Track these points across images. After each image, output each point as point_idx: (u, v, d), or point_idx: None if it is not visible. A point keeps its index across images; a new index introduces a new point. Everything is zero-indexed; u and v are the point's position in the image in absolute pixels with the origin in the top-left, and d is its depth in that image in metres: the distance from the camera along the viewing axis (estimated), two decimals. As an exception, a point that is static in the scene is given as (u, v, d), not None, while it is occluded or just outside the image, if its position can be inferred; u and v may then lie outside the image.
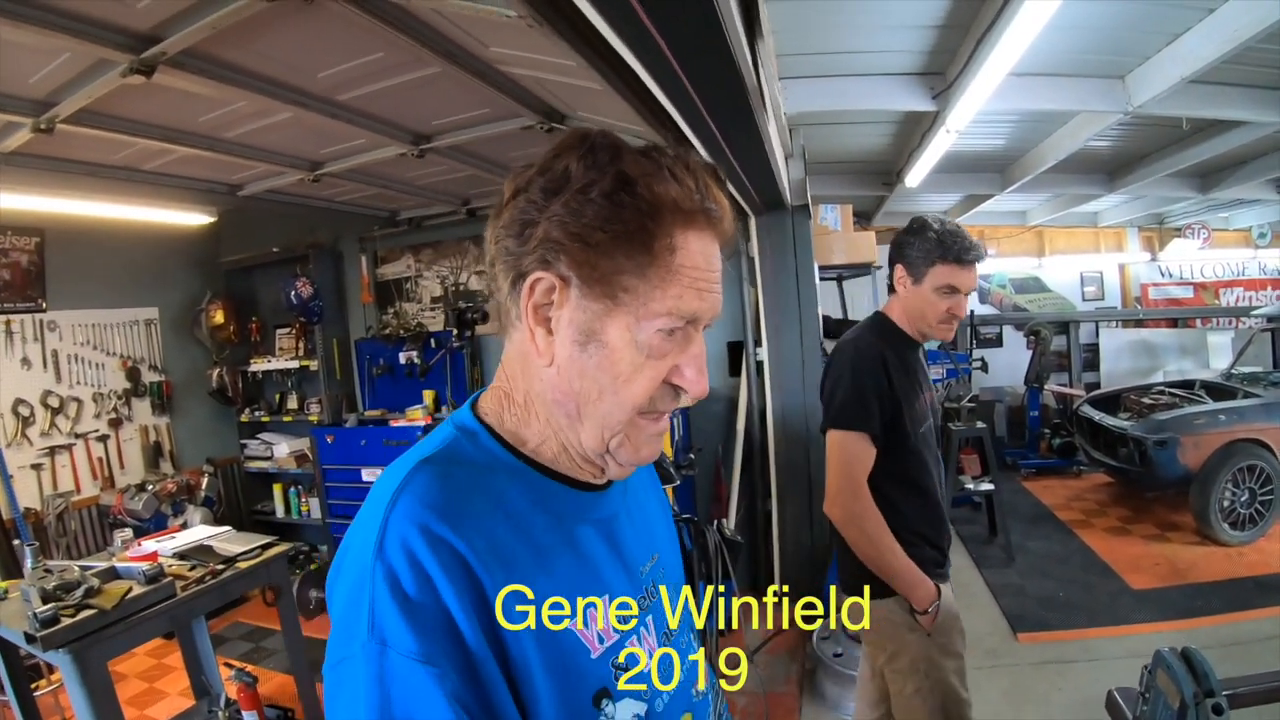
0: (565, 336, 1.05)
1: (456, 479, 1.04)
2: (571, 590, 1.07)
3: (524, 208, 1.04)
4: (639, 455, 1.12)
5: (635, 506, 1.31)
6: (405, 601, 0.92)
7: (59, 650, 3.04)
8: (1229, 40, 3.99)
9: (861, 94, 5.06)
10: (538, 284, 1.04)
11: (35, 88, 3.57)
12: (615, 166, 1.00)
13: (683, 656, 1.26)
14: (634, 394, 1.06)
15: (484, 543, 0.98)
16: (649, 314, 1.03)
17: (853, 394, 2.70)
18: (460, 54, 3.32)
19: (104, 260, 6.69)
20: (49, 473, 6.24)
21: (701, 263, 1.05)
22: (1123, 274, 12.19)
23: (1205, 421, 7.13)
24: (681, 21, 1.92)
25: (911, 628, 2.72)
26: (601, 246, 1.00)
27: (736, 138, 3.34)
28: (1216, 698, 1.86)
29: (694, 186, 1.03)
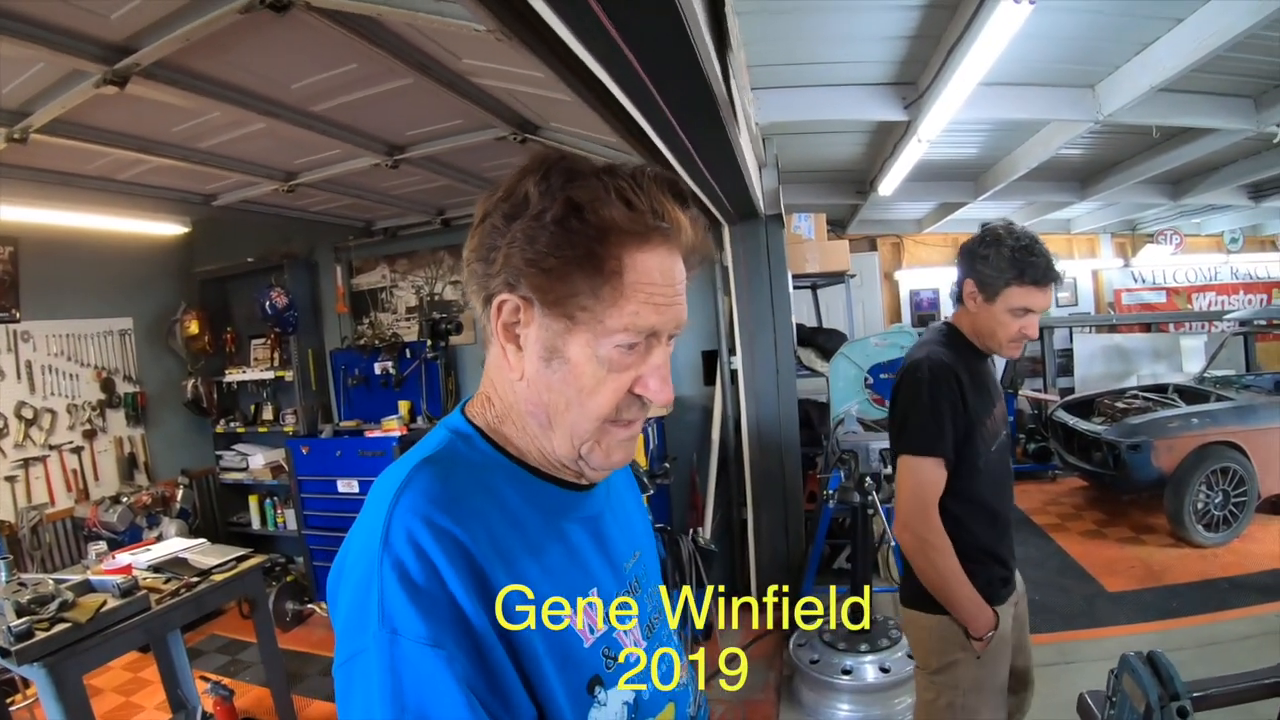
0: (532, 353, 1.12)
1: (457, 476, 1.10)
2: (564, 583, 1.13)
3: (489, 232, 1.10)
4: (610, 460, 1.18)
5: (618, 506, 1.37)
6: (413, 589, 0.97)
7: (34, 664, 3.03)
8: (1196, 50, 4.06)
9: (834, 104, 5.10)
10: (504, 305, 1.11)
11: (8, 98, 3.55)
12: (565, 193, 1.05)
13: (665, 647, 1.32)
14: (599, 405, 1.11)
15: (484, 535, 1.04)
16: (606, 331, 1.08)
17: (927, 417, 2.62)
18: (433, 66, 3.34)
19: (78, 270, 6.65)
20: (23, 485, 6.18)
21: (657, 279, 1.09)
22: (1096, 280, 12.33)
23: (1178, 425, 7.21)
24: (650, 35, 1.93)
25: (964, 646, 2.67)
26: (555, 271, 1.05)
27: (708, 149, 3.36)
28: (1181, 700, 1.88)
29: (645, 206, 1.06)
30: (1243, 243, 12.05)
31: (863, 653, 4.71)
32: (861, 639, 4.81)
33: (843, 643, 4.81)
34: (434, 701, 0.94)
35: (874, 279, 12.07)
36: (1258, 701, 2.23)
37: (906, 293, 12.29)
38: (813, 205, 7.85)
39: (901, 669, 4.60)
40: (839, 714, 4.62)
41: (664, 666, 1.29)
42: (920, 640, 2.84)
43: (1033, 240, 2.63)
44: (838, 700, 4.65)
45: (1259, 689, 2.20)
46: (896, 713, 4.58)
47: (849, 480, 4.93)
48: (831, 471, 5.22)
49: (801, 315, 8.02)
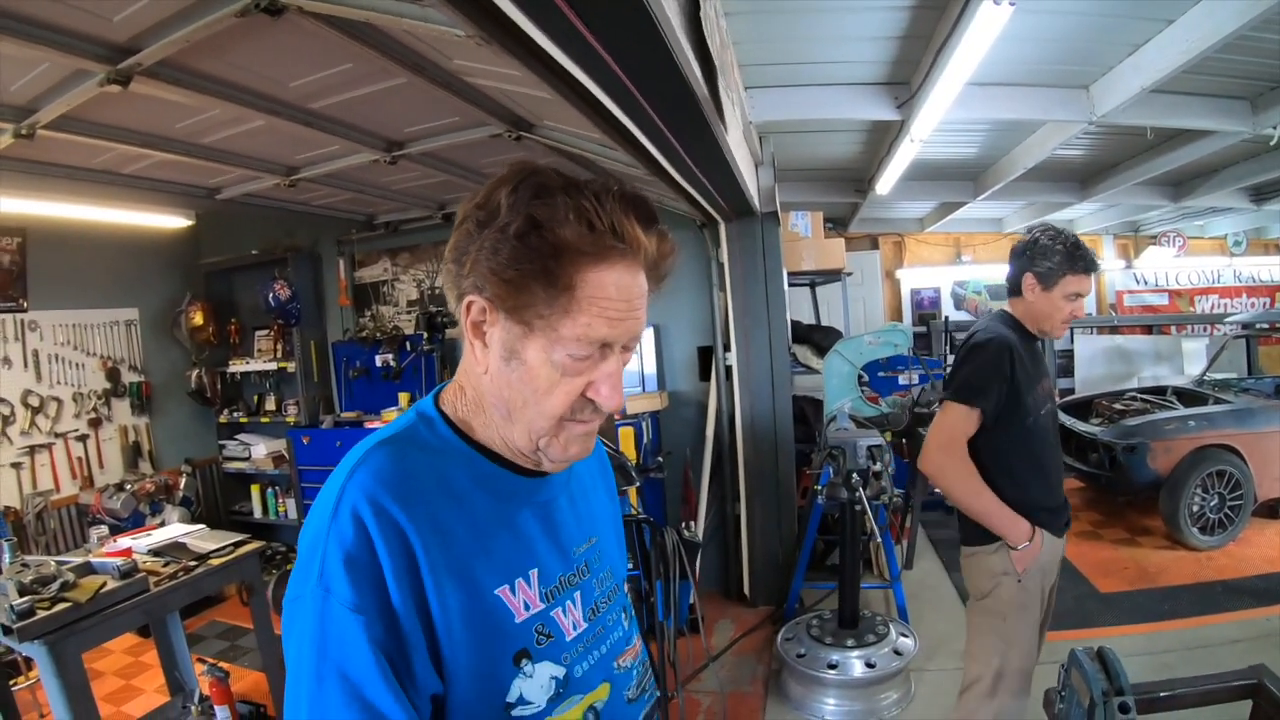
0: (495, 352, 1.21)
1: (409, 459, 1.20)
2: (502, 562, 1.22)
3: (464, 236, 1.18)
4: (567, 453, 1.26)
5: (579, 494, 1.45)
6: (349, 559, 1.08)
7: (35, 642, 3.09)
8: (1187, 51, 4.05)
9: (828, 103, 5.13)
10: (472, 305, 1.19)
11: (16, 95, 3.63)
12: (528, 209, 1.11)
13: (609, 632, 1.39)
14: (553, 405, 1.20)
15: (426, 518, 1.13)
16: (560, 340, 1.16)
17: (976, 373, 3.07)
18: (426, 66, 3.38)
19: (85, 261, 6.75)
20: (28, 471, 6.28)
21: (612, 294, 1.16)
22: (1098, 281, 12.27)
23: (1175, 427, 7.18)
24: (625, 38, 1.99)
25: (1005, 570, 3.10)
26: (514, 283, 1.13)
27: (695, 148, 3.40)
28: (1125, 696, 1.93)
29: (605, 226, 1.13)
30: (1246, 245, 12.02)
31: (849, 648, 4.74)
32: (849, 634, 4.86)
33: (830, 637, 4.86)
34: (350, 656, 1.06)
35: (875, 277, 12.08)
36: (1229, 703, 2.28)
37: (908, 291, 12.29)
38: (812, 204, 7.88)
39: (887, 665, 4.64)
40: (825, 708, 4.66)
41: (604, 648, 1.36)
42: (969, 572, 3.33)
43: (1076, 238, 3.13)
44: (824, 694, 4.70)
45: (1229, 690, 2.24)
46: (882, 707, 4.63)
47: (837, 476, 4.96)
48: (822, 468, 5.26)
49: (800, 312, 8.05)
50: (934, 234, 11.72)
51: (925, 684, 4.90)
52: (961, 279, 12.18)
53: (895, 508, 5.84)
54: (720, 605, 6.32)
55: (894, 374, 7.78)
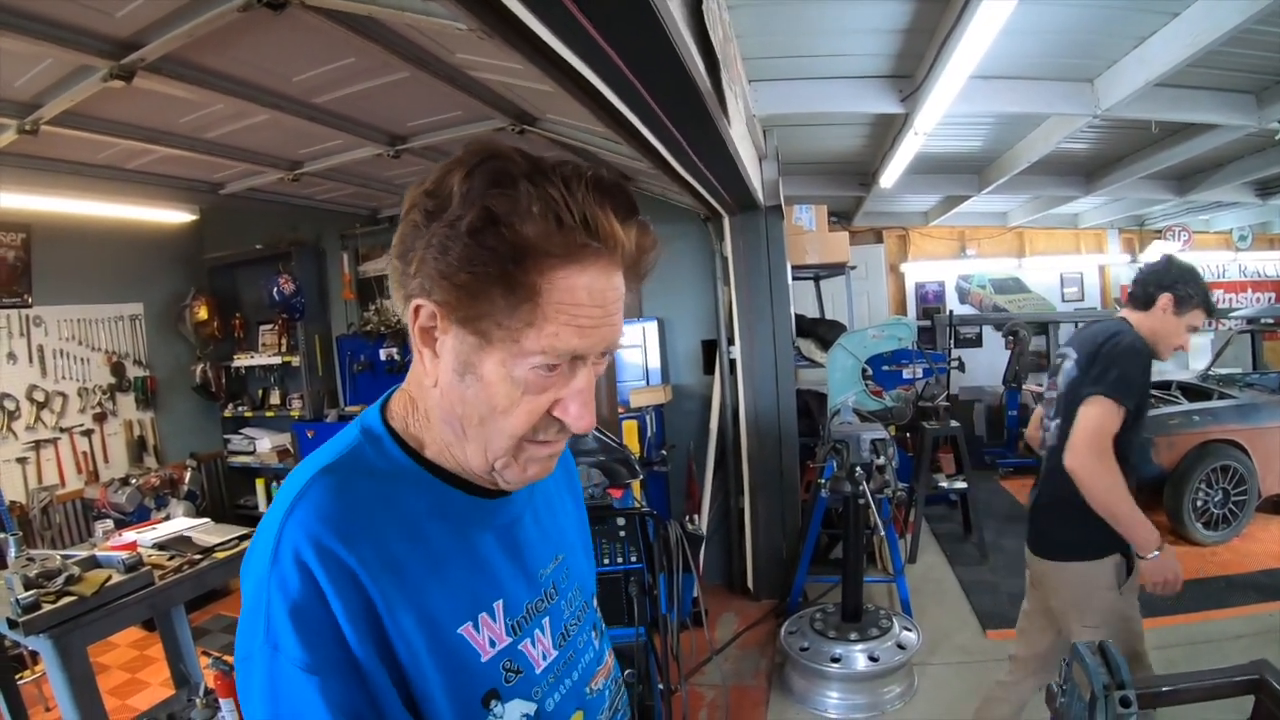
0: (447, 363, 1.06)
1: (354, 490, 1.06)
2: (464, 597, 1.10)
3: (409, 229, 1.03)
4: (526, 475, 1.13)
5: (543, 507, 1.33)
6: (296, 612, 0.96)
7: (40, 635, 3.10)
8: (1192, 44, 4.04)
9: (832, 96, 5.11)
10: (420, 310, 1.04)
11: (20, 91, 3.65)
12: (484, 200, 0.96)
13: (580, 655, 1.29)
14: (513, 425, 1.06)
15: (375, 555, 1.00)
16: (522, 352, 1.01)
17: (1129, 373, 3.05)
18: (429, 60, 3.39)
19: (89, 256, 6.77)
20: (34, 466, 6.31)
21: (583, 299, 1.01)
22: (1103, 275, 12.26)
23: (1179, 422, 7.16)
24: (627, 31, 1.99)
25: (1108, 585, 3.11)
26: (467, 288, 0.98)
27: (698, 141, 3.40)
28: (1126, 690, 1.92)
29: (576, 221, 0.97)
30: (1252, 240, 11.96)
31: (853, 641, 4.74)
32: (852, 628, 4.86)
33: (833, 631, 4.87)
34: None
35: (879, 271, 12.04)
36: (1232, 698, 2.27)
37: (912, 285, 12.25)
38: (816, 197, 7.86)
39: (890, 658, 4.65)
40: (828, 701, 4.67)
41: (576, 674, 1.27)
42: (1066, 585, 3.25)
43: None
44: (827, 688, 4.70)
45: (1232, 685, 2.23)
46: (885, 701, 4.63)
47: (841, 470, 4.97)
48: (826, 462, 5.26)
49: (804, 306, 8.04)
50: (938, 228, 11.70)
51: (928, 678, 4.90)
52: (966, 273, 12.13)
53: (899, 502, 5.85)
54: (724, 599, 6.33)
55: (898, 368, 7.77)
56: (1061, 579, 3.26)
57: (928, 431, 6.98)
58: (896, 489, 5.04)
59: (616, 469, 3.59)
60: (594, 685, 1.31)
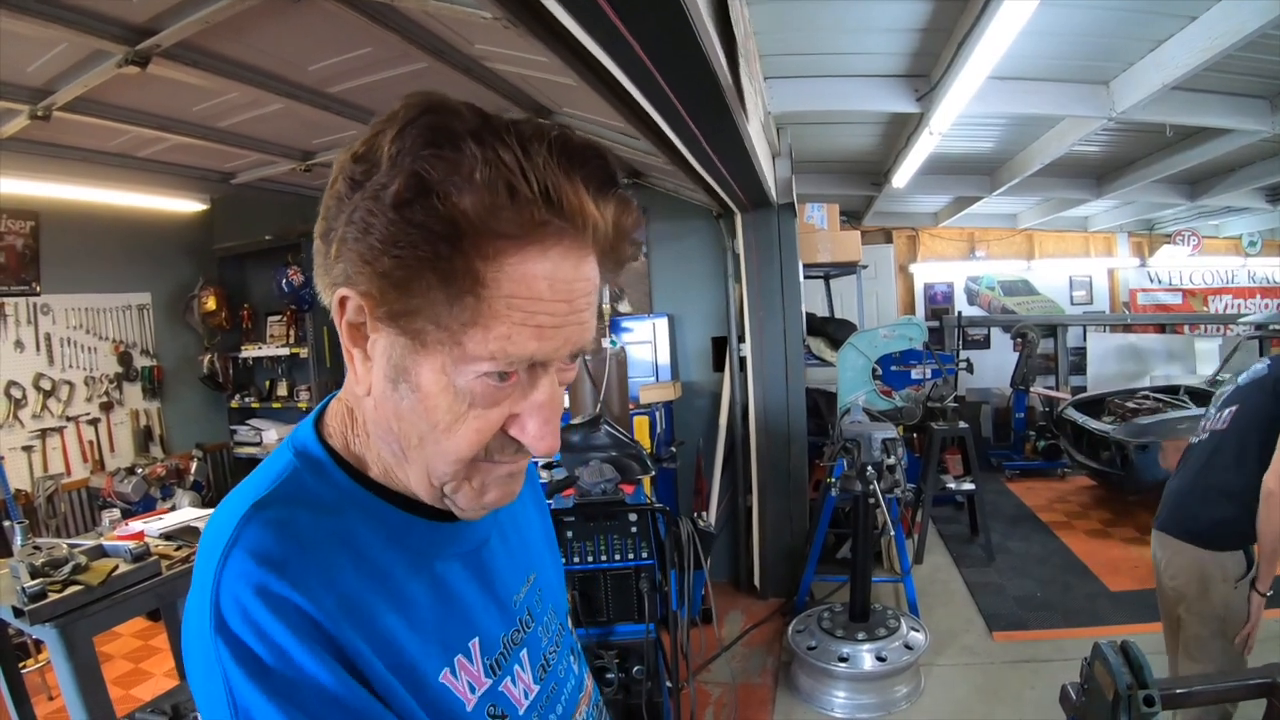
0: (379, 368, 0.87)
1: (296, 525, 0.87)
2: (435, 639, 0.94)
3: (334, 201, 0.84)
4: (483, 500, 0.94)
5: (509, 524, 1.17)
6: (263, 676, 0.78)
7: (46, 624, 3.08)
8: (1208, 48, 4.03)
9: (847, 95, 5.11)
10: (346, 302, 0.85)
11: (33, 76, 3.63)
12: (416, 164, 0.76)
13: (562, 685, 1.16)
14: (457, 446, 0.87)
15: (331, 599, 0.83)
16: (465, 357, 0.82)
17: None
18: (447, 50, 3.37)
19: (98, 245, 6.75)
20: (40, 455, 6.28)
21: (543, 292, 0.81)
22: (1112, 279, 12.22)
23: (1187, 427, 7.05)
24: (653, 21, 1.97)
25: (1224, 579, 3.17)
26: (392, 276, 0.78)
27: (716, 136, 3.40)
28: (1150, 690, 1.91)
29: (535, 193, 0.77)
30: (1261, 246, 11.93)
31: (860, 641, 4.74)
32: (860, 627, 4.85)
33: (841, 630, 4.86)
34: None
35: (889, 271, 12.02)
36: (1244, 701, 2.27)
37: (921, 286, 12.23)
38: (827, 196, 7.87)
39: (898, 659, 4.64)
40: (835, 701, 4.67)
41: (560, 707, 1.14)
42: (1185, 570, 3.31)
43: None
44: (834, 687, 4.70)
45: (1245, 689, 2.22)
46: (892, 701, 4.63)
47: (851, 469, 4.96)
48: (835, 460, 5.25)
49: (814, 305, 8.03)
50: (948, 229, 11.68)
51: (935, 678, 4.91)
52: (975, 274, 12.11)
53: (907, 502, 5.84)
54: (730, 596, 6.34)
55: (906, 368, 7.76)
56: (1183, 562, 3.31)
57: (936, 432, 6.96)
58: (905, 489, 5.03)
59: (629, 464, 3.56)
60: (578, 716, 1.19)
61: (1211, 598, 3.19)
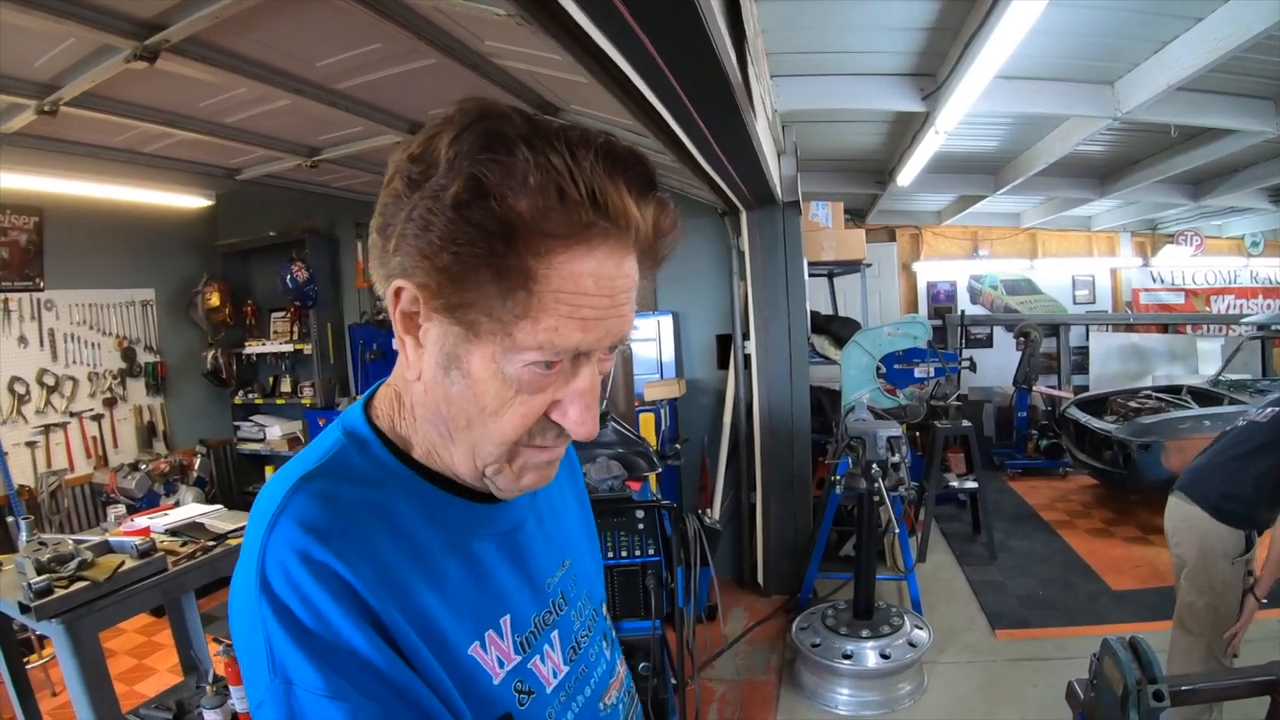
0: (431, 355, 0.93)
1: (340, 498, 0.93)
2: (468, 614, 1.00)
3: (392, 199, 0.90)
4: (520, 483, 1.01)
5: (547, 510, 1.22)
6: (303, 635, 0.84)
7: (52, 620, 3.07)
8: (1214, 49, 4.02)
9: (853, 93, 5.10)
10: (402, 293, 0.91)
11: (40, 71, 3.62)
12: (474, 168, 0.83)
13: (592, 669, 1.20)
14: (503, 430, 0.94)
15: (370, 568, 0.89)
16: (515, 347, 0.88)
17: None
18: (456, 47, 3.36)
19: (102, 241, 6.76)
20: (43, 450, 6.30)
21: (589, 287, 0.87)
22: (1114, 278, 12.19)
23: (1190, 426, 7.16)
24: (664, 18, 1.98)
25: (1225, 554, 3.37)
26: (450, 270, 0.85)
27: (724, 134, 3.40)
28: (1159, 685, 1.92)
29: (583, 196, 0.84)
30: (1264, 246, 11.91)
31: (864, 638, 4.75)
32: (863, 624, 4.86)
33: (845, 628, 4.86)
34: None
35: (892, 269, 11.99)
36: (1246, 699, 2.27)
37: (924, 284, 12.20)
38: (831, 194, 7.86)
39: (901, 656, 4.65)
40: (839, 698, 4.68)
41: (589, 689, 1.18)
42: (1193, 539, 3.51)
43: None
44: (838, 684, 4.71)
45: (1248, 687, 2.23)
46: (895, 698, 4.64)
47: (856, 467, 4.96)
48: (840, 458, 5.25)
49: (818, 303, 8.03)
50: (951, 227, 11.65)
51: (938, 676, 4.92)
52: (978, 273, 12.09)
53: (910, 500, 5.84)
54: (734, 594, 6.34)
55: (910, 366, 7.75)
56: (1188, 532, 3.51)
57: (939, 431, 6.96)
58: (909, 487, 5.03)
59: (636, 461, 3.57)
60: (608, 700, 1.22)
61: (1208, 568, 3.36)
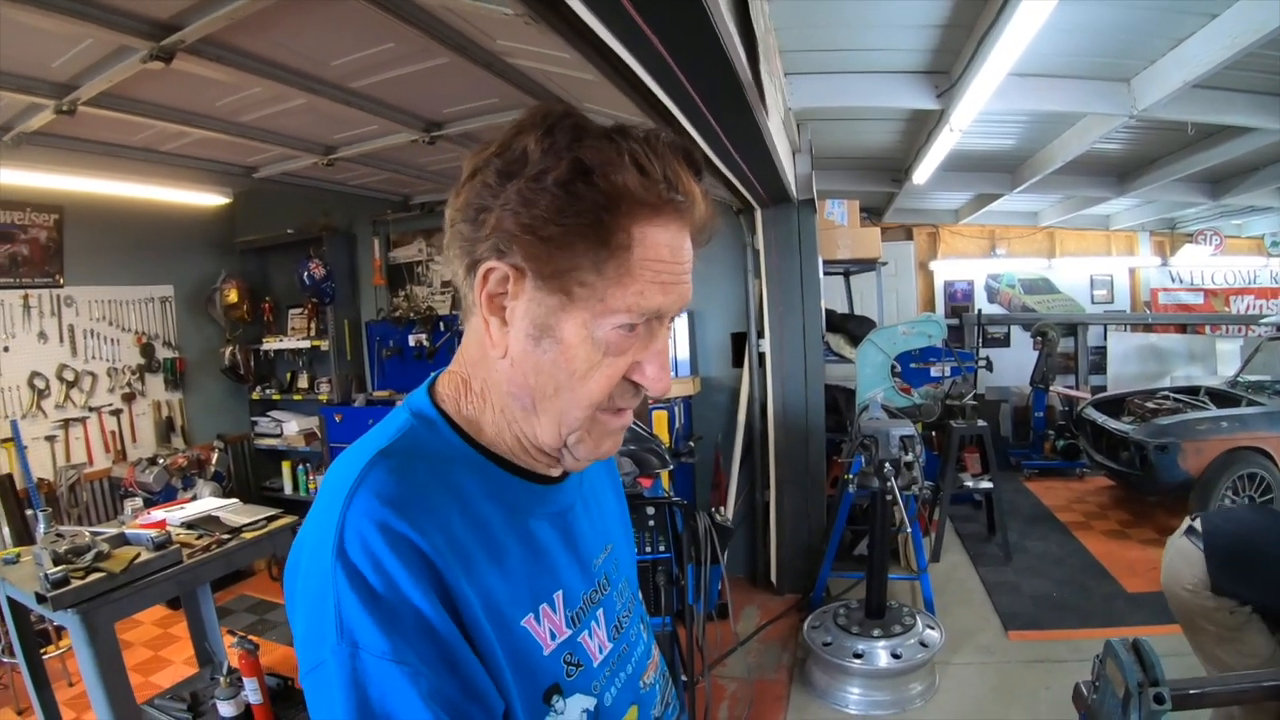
0: (519, 329, 1.01)
1: (414, 472, 1.00)
2: (525, 587, 1.05)
3: (479, 191, 0.99)
4: (599, 450, 1.10)
5: (591, 497, 1.29)
6: (372, 601, 0.89)
7: (68, 610, 3.11)
8: (1230, 45, 3.99)
9: (868, 91, 5.09)
10: (491, 273, 1.00)
11: (58, 71, 3.67)
12: (573, 152, 0.94)
13: (632, 648, 1.26)
14: (591, 391, 1.02)
15: (443, 538, 0.95)
16: (607, 310, 0.98)
17: None
18: (469, 46, 3.38)
19: (121, 238, 6.82)
20: (62, 444, 6.35)
21: (667, 255, 0.99)
22: (1133, 278, 12.09)
23: (1207, 428, 7.09)
24: (672, 17, 1.99)
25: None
26: (555, 240, 0.95)
27: (735, 132, 3.40)
28: (1160, 688, 1.91)
29: (660, 175, 0.96)
30: (1285, 245, 11.83)
31: (876, 638, 4.74)
32: (875, 624, 4.85)
33: (856, 627, 4.86)
34: (401, 718, 0.88)
35: (909, 268, 11.93)
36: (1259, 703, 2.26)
37: (941, 283, 12.14)
38: (847, 192, 7.85)
39: (913, 656, 4.64)
40: (850, 697, 4.67)
41: (630, 667, 1.23)
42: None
43: None
44: (849, 684, 4.70)
45: (1260, 691, 2.21)
46: (907, 699, 4.62)
47: (869, 466, 4.95)
48: (853, 457, 5.24)
49: (834, 301, 8.02)
50: (969, 226, 11.59)
51: (950, 677, 4.89)
52: (996, 272, 12.02)
53: (924, 500, 5.82)
54: (747, 592, 6.34)
55: (926, 365, 7.73)
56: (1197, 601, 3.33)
57: (955, 430, 6.93)
58: (923, 486, 5.01)
59: (647, 458, 3.58)
60: (646, 679, 1.27)
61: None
